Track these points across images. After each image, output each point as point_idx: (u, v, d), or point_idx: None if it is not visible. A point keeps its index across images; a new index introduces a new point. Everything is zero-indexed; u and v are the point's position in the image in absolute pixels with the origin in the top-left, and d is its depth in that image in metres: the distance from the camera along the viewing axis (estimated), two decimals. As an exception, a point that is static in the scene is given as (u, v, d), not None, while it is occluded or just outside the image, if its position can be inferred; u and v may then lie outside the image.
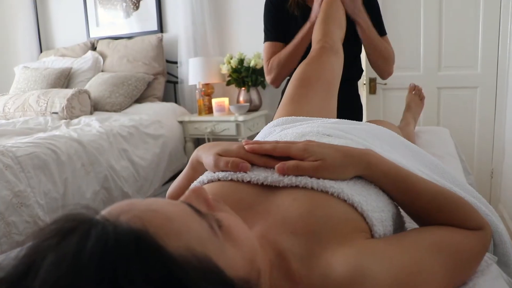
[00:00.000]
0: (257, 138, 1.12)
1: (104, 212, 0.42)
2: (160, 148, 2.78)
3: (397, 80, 2.50)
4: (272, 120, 1.16)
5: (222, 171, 0.74)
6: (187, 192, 0.52)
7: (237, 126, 2.86)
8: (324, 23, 1.41)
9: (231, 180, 0.71)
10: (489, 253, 0.78)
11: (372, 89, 2.97)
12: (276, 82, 1.73)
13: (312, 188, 0.66)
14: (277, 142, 0.74)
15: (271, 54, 1.71)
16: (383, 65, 1.70)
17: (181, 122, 3.06)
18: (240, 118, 2.81)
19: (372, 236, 0.65)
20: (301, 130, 0.92)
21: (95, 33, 3.83)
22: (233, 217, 0.54)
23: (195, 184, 0.77)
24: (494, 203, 2.89)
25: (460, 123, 2.88)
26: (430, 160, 1.01)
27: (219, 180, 0.73)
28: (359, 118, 1.81)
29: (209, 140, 2.99)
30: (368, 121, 1.48)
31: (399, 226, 0.76)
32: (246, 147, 0.74)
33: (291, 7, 1.67)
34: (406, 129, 1.71)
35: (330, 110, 1.23)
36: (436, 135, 1.91)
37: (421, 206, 0.71)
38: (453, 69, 2.86)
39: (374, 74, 2.89)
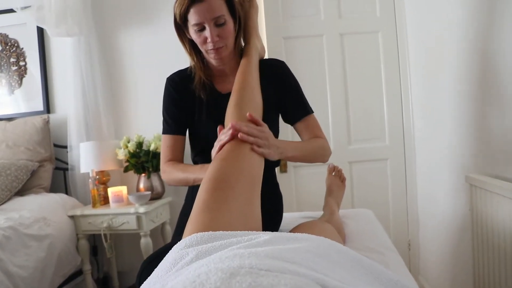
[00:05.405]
0: (161, 267, 0.80)
1: None
2: (46, 251, 2.31)
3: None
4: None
5: None
6: None
7: (138, 218, 2.51)
8: (238, 108, 1.21)
9: None
10: None
11: (282, 168, 2.83)
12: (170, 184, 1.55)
13: None
14: None
15: (170, 151, 1.52)
16: (322, 159, 1.55)
17: (72, 217, 2.63)
18: (141, 209, 2.48)
19: None
20: (227, 265, 0.65)
21: (-33, 115, 3.32)
22: None
23: None
24: (414, 275, 2.87)
25: (374, 196, 2.86)
26: (387, 277, 0.82)
27: None
28: (280, 208, 1.60)
29: (105, 236, 2.59)
30: (297, 226, 1.27)
31: None
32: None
33: (197, 88, 1.49)
34: (333, 220, 1.53)
35: (254, 216, 0.99)
36: (361, 219, 1.79)
37: None
38: (362, 142, 2.85)
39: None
